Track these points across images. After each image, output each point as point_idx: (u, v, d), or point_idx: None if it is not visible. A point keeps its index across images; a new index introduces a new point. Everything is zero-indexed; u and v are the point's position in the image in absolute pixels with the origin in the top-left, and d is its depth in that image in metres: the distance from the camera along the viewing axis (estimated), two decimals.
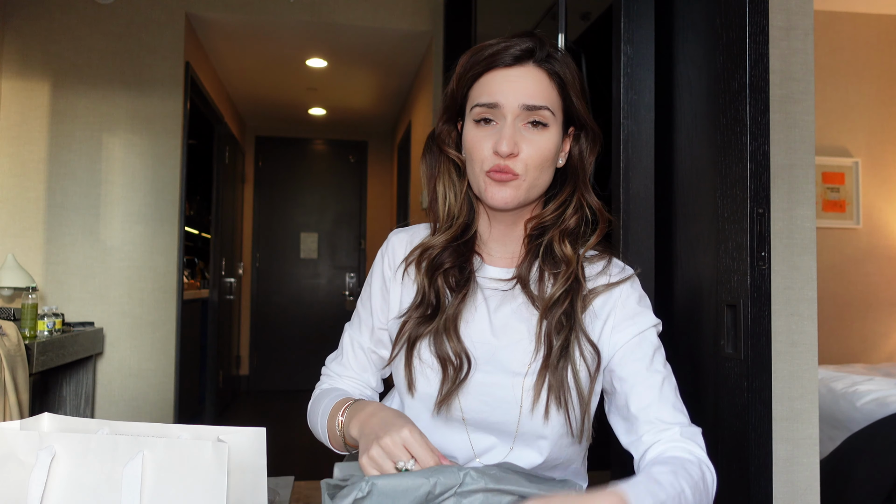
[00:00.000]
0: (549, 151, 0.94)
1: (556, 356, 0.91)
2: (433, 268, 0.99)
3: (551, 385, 0.90)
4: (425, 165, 1.04)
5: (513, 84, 0.92)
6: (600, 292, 0.97)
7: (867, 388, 2.49)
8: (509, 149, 0.90)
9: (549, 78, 0.94)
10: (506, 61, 0.93)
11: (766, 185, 1.08)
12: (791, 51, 1.34)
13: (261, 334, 6.05)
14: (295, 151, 6.24)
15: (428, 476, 0.77)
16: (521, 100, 0.92)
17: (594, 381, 0.94)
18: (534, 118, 0.92)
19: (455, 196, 1.01)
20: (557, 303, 0.94)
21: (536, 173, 0.94)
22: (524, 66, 0.93)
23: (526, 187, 0.94)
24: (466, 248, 1.00)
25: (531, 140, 0.93)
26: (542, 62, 0.94)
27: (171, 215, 3.32)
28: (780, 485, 1.28)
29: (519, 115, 0.92)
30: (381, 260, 1.07)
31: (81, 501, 0.79)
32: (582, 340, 0.93)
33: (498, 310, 0.96)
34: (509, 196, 0.93)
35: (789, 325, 1.31)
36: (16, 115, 3.18)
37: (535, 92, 0.92)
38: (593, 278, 0.98)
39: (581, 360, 0.93)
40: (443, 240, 0.99)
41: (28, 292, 2.55)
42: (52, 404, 3.00)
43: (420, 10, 3.62)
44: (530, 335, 0.94)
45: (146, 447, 0.80)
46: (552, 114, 0.93)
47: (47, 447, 0.79)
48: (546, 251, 0.97)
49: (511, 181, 0.93)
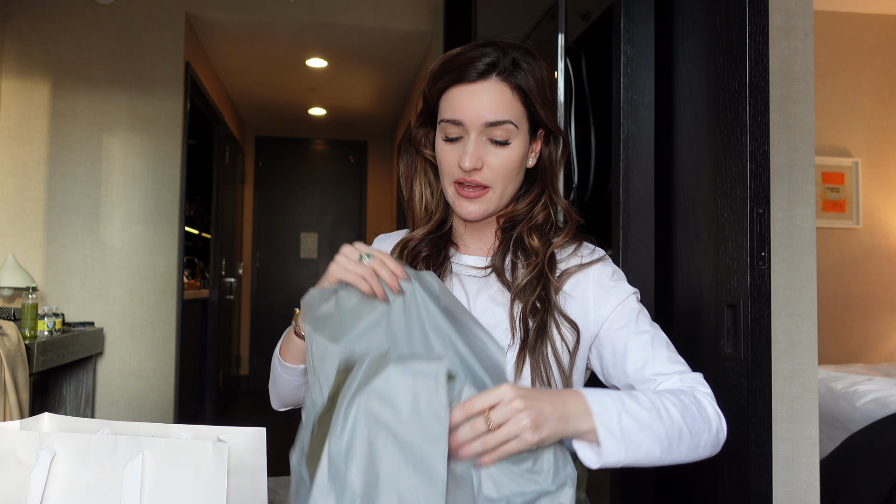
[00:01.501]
0: (513, 163, 0.96)
1: (533, 337, 0.93)
2: (412, 256, 1.04)
3: (532, 365, 0.92)
4: (403, 165, 1.08)
5: (475, 100, 0.94)
6: (573, 272, 0.99)
7: (867, 388, 2.49)
8: (472, 165, 0.94)
9: (512, 91, 0.95)
10: (471, 76, 0.95)
11: (766, 185, 1.08)
12: (791, 51, 1.34)
13: (261, 334, 6.04)
14: (295, 151, 6.23)
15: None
16: (483, 117, 0.94)
17: (574, 357, 0.96)
18: (496, 134, 0.94)
19: (431, 194, 1.06)
20: (527, 289, 0.96)
21: (504, 183, 0.97)
22: (486, 81, 0.95)
23: (496, 199, 0.98)
24: (443, 240, 1.05)
25: (496, 153, 0.95)
26: (504, 75, 0.95)
27: (171, 215, 3.32)
28: (780, 485, 1.28)
29: (482, 132, 0.95)
30: None
31: (81, 501, 0.79)
32: (559, 319, 0.96)
33: (476, 296, 1.00)
34: (478, 211, 0.97)
35: (789, 325, 1.31)
36: (16, 115, 3.18)
37: (497, 108, 0.94)
38: (565, 259, 1.01)
39: (560, 339, 0.95)
40: (421, 233, 1.05)
41: (28, 292, 2.55)
42: (52, 404, 3.00)
43: (420, 10, 3.62)
44: (507, 320, 0.97)
45: (146, 447, 0.80)
46: (515, 126, 0.95)
47: (47, 447, 0.80)
48: (517, 243, 1.01)
49: (480, 196, 0.97)
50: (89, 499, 0.79)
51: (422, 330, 0.82)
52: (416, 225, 1.07)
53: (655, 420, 0.81)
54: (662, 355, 0.93)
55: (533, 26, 2.02)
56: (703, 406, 0.87)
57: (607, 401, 0.80)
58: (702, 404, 0.87)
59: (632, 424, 0.79)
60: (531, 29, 2.03)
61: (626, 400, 0.81)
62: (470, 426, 0.73)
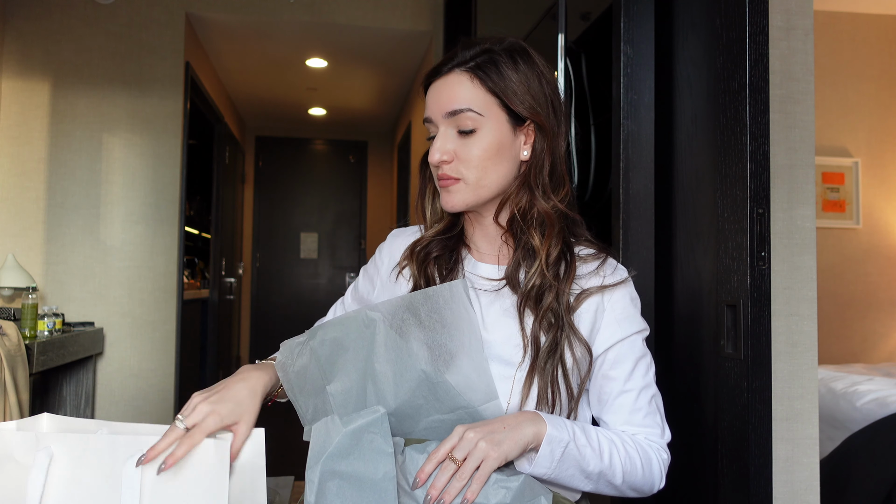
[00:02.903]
0: (484, 151, 0.95)
1: (543, 358, 0.92)
2: (423, 257, 1.03)
3: (539, 387, 0.91)
4: (420, 178, 1.09)
5: (437, 95, 0.96)
6: (593, 293, 0.97)
7: (867, 388, 2.49)
8: (439, 158, 0.95)
9: (472, 79, 0.94)
10: (439, 73, 0.97)
11: (766, 185, 1.08)
12: (791, 51, 1.34)
13: (261, 334, 6.04)
14: (295, 151, 6.24)
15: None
16: (442, 108, 0.95)
17: (584, 382, 0.96)
18: (458, 123, 0.95)
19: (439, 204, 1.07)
20: (533, 294, 0.95)
21: (479, 173, 0.95)
22: (448, 75, 0.96)
23: (472, 189, 0.96)
24: (454, 241, 1.05)
25: (463, 143, 0.95)
26: (464, 66, 0.95)
27: (171, 215, 3.32)
28: (780, 485, 1.28)
29: (448, 124, 0.95)
30: (381, 251, 1.13)
31: (80, 502, 0.79)
32: (573, 340, 0.94)
33: (489, 306, 0.97)
34: (456, 200, 0.97)
35: (789, 325, 1.31)
36: (16, 115, 3.18)
37: (454, 96, 0.94)
38: (586, 277, 0.99)
39: (572, 361, 0.94)
40: (432, 233, 1.05)
41: (28, 292, 2.55)
42: (52, 404, 3.00)
43: (420, 10, 3.62)
44: (519, 332, 0.95)
45: (146, 447, 0.80)
46: (478, 114, 0.94)
47: (45, 448, 0.79)
48: (525, 248, 0.99)
49: (453, 185, 0.97)
50: (88, 499, 0.79)
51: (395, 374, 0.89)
52: (427, 226, 1.08)
53: (595, 459, 0.88)
54: (641, 413, 0.96)
55: (533, 26, 2.02)
56: (653, 468, 0.94)
57: (562, 426, 0.87)
58: (652, 465, 0.94)
59: (574, 453, 0.87)
60: (531, 29, 2.03)
61: (579, 433, 0.89)
62: (442, 471, 0.81)
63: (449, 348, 0.87)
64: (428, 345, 0.87)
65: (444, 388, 0.86)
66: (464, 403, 0.87)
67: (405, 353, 0.87)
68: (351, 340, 0.89)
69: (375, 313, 0.89)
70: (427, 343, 0.87)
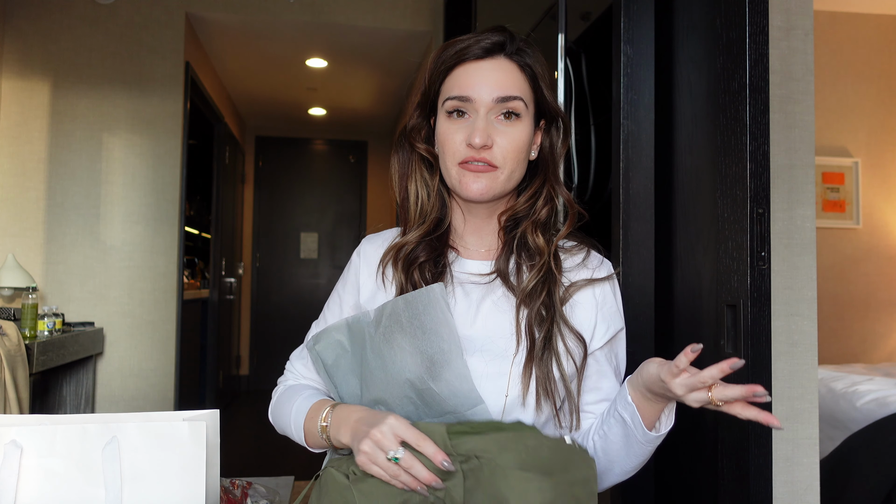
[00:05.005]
0: (522, 142, 0.95)
1: (539, 348, 0.92)
2: (409, 263, 0.98)
3: (538, 377, 0.91)
4: (397, 163, 1.04)
5: (485, 77, 0.93)
6: (582, 287, 0.97)
7: (867, 388, 2.49)
8: (482, 141, 0.91)
9: (521, 70, 0.95)
10: (476, 54, 0.94)
11: (766, 185, 1.08)
12: (791, 51, 1.34)
13: (261, 334, 6.04)
14: (295, 151, 6.23)
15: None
16: (494, 93, 0.93)
17: (581, 372, 0.96)
18: (507, 109, 0.93)
19: (427, 193, 1.01)
20: (534, 293, 0.94)
21: (513, 164, 0.94)
22: (495, 59, 0.94)
23: (503, 179, 0.94)
24: (440, 243, 1.00)
25: (505, 132, 0.93)
26: (512, 55, 0.95)
27: (171, 215, 3.32)
28: (780, 485, 1.28)
29: (492, 108, 0.93)
30: (355, 261, 1.07)
31: (57, 490, 0.81)
32: (565, 331, 0.94)
33: (480, 302, 0.96)
34: (485, 187, 0.93)
35: (789, 325, 1.31)
36: (16, 115, 3.18)
37: (508, 83, 0.93)
38: (573, 270, 0.99)
39: (566, 352, 0.94)
40: (416, 235, 0.99)
41: (28, 292, 2.55)
42: (52, 404, 3.00)
43: (420, 10, 3.62)
44: (512, 326, 0.94)
45: (118, 431, 0.81)
46: (525, 105, 0.94)
47: (11, 441, 0.80)
48: (520, 243, 0.98)
49: (487, 172, 0.93)
50: (64, 487, 0.81)
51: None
52: (409, 227, 1.01)
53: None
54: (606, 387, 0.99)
55: (533, 26, 2.02)
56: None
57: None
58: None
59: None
60: (531, 29, 2.03)
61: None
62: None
63: (430, 355, 0.87)
64: (411, 352, 0.88)
65: (430, 394, 0.87)
66: (451, 409, 0.87)
67: (390, 361, 0.88)
68: (349, 344, 0.92)
69: (366, 318, 0.91)
70: (410, 350, 0.88)
